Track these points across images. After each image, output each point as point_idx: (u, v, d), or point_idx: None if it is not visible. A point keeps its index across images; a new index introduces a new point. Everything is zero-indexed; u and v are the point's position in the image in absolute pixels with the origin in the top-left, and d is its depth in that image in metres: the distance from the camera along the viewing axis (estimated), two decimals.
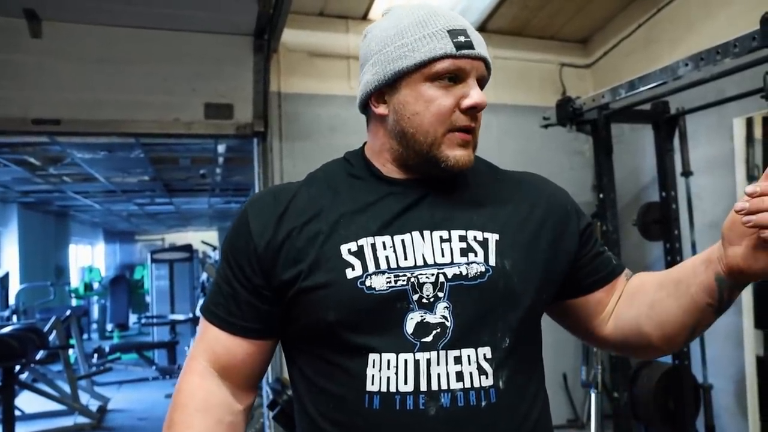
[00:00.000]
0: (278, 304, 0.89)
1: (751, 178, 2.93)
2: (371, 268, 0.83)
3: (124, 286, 10.25)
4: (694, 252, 2.96)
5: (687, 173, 3.00)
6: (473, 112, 0.87)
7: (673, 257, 2.92)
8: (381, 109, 0.91)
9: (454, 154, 0.87)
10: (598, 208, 3.11)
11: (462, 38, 0.86)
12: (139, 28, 3.02)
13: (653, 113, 2.97)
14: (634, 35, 3.59)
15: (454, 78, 0.86)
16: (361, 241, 0.85)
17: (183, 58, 3.10)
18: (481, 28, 3.76)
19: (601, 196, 2.98)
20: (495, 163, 1.02)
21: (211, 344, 0.92)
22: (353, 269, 0.83)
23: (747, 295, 2.87)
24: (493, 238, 0.88)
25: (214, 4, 2.89)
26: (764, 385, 2.83)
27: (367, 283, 0.82)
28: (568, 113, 2.95)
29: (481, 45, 0.88)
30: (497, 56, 3.82)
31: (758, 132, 2.94)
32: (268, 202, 0.91)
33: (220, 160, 5.45)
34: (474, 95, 0.86)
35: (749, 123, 2.91)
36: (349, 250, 0.85)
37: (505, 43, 3.85)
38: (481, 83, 0.90)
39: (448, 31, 0.86)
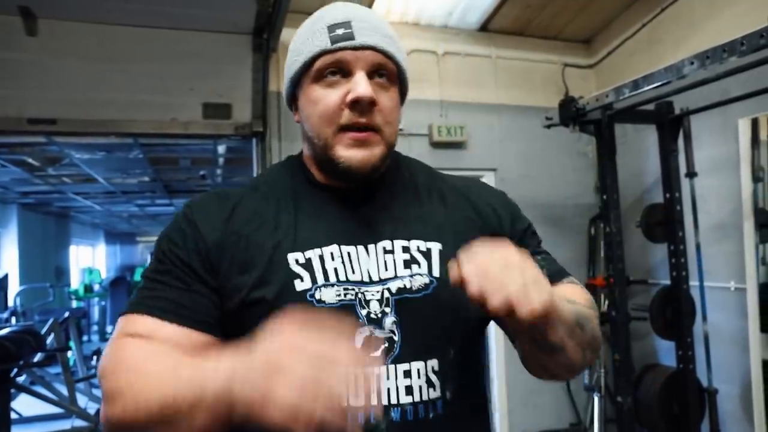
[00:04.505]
0: (222, 308, 0.82)
1: (756, 179, 2.89)
2: (320, 280, 0.81)
3: (124, 288, 10.24)
4: (698, 254, 2.92)
5: (691, 174, 2.96)
6: (358, 107, 0.81)
7: (677, 259, 2.88)
8: (297, 117, 0.91)
9: (347, 154, 0.82)
10: (601, 209, 3.07)
11: (341, 30, 0.82)
12: (136, 27, 2.99)
13: (657, 114, 2.94)
14: (638, 35, 3.55)
15: (340, 73, 0.82)
16: (308, 253, 0.82)
17: (181, 57, 3.07)
18: (483, 28, 3.73)
19: (604, 197, 2.95)
20: (498, 164, 0.99)
21: (146, 333, 0.77)
22: (302, 281, 0.81)
23: (752, 299, 2.83)
24: (436, 247, 0.86)
25: (212, 3, 2.86)
26: None
27: (317, 296, 0.80)
28: (571, 113, 2.92)
29: (368, 34, 0.82)
30: (499, 56, 3.79)
31: (764, 133, 2.92)
32: (212, 203, 0.87)
33: (221, 160, 5.43)
34: (357, 88, 0.80)
35: (755, 124, 2.88)
36: (296, 261, 0.82)
37: (507, 43, 3.82)
38: (384, 71, 0.83)
39: (328, 27, 0.83)
